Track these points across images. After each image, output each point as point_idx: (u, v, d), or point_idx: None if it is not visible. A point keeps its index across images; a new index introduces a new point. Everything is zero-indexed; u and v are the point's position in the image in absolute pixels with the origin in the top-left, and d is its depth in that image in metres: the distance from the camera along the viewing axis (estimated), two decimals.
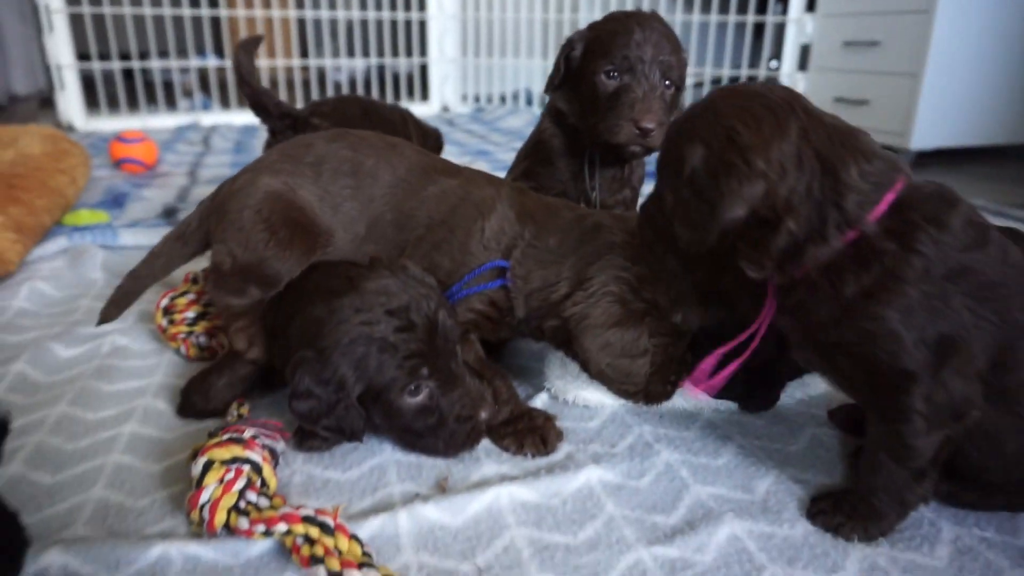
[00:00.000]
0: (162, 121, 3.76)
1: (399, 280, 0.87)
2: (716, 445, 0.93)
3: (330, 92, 4.17)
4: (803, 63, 3.55)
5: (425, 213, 1.02)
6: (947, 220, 0.70)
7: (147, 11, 3.63)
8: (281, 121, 1.67)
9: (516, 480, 0.84)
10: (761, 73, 3.65)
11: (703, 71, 3.85)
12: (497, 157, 2.87)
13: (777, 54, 3.70)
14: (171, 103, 4.07)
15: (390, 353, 0.82)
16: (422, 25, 4.39)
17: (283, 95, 4.06)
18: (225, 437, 0.80)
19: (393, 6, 4.28)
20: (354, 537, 0.70)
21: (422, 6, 4.38)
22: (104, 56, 3.62)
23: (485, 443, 0.93)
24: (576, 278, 0.94)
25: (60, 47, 3.50)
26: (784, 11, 3.62)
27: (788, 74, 3.58)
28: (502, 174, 1.28)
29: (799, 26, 3.55)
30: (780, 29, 3.66)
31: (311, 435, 0.90)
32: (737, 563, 0.72)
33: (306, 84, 4.32)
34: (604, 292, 0.92)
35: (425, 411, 0.86)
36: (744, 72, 3.78)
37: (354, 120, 1.74)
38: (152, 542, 0.72)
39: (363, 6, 4.26)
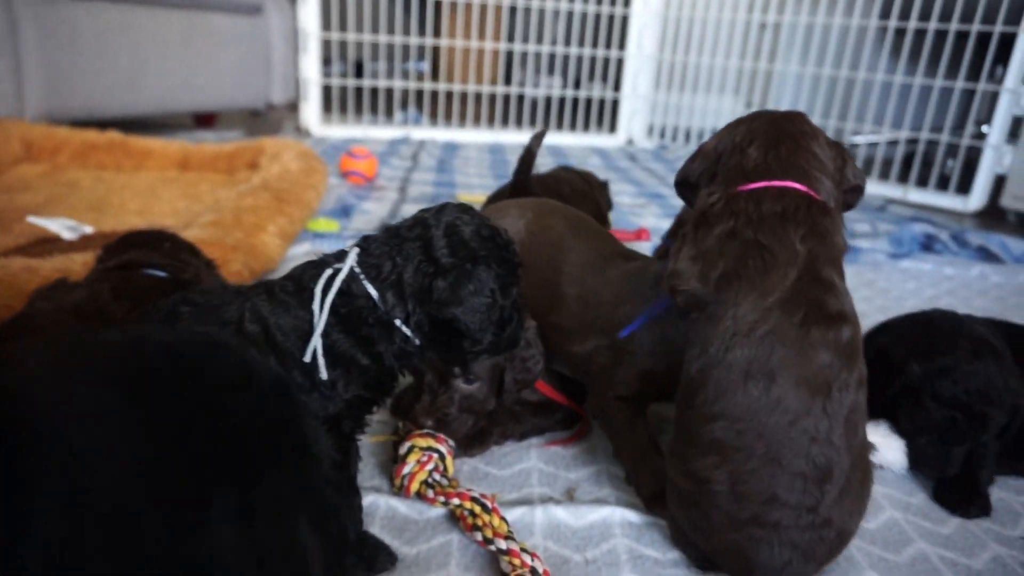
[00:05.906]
0: (380, 132, 4.33)
1: None
2: None
3: (527, 113, 4.56)
4: (1015, 133, 3.37)
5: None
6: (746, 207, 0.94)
7: (381, 39, 4.23)
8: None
9: (631, 506, 1.07)
10: (964, 141, 3.50)
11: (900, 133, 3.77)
12: (672, 203, 2.97)
13: (988, 120, 3.53)
14: (389, 115, 4.67)
15: None
16: (619, 62, 4.66)
17: (482, 114, 4.52)
18: (424, 431, 1.11)
19: (594, 43, 4.58)
20: (503, 518, 0.97)
21: (621, 44, 4.65)
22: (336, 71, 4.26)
23: (610, 468, 1.16)
24: None
25: (310, 65, 4.17)
26: (1001, 79, 3.44)
27: (994, 145, 3.41)
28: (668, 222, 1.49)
29: (1014, 97, 3.37)
30: (992, 98, 3.49)
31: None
32: None
33: (505, 102, 4.74)
34: None
35: None
36: (944, 138, 3.62)
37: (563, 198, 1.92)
38: (367, 492, 1.03)
39: (567, 42, 4.60)
